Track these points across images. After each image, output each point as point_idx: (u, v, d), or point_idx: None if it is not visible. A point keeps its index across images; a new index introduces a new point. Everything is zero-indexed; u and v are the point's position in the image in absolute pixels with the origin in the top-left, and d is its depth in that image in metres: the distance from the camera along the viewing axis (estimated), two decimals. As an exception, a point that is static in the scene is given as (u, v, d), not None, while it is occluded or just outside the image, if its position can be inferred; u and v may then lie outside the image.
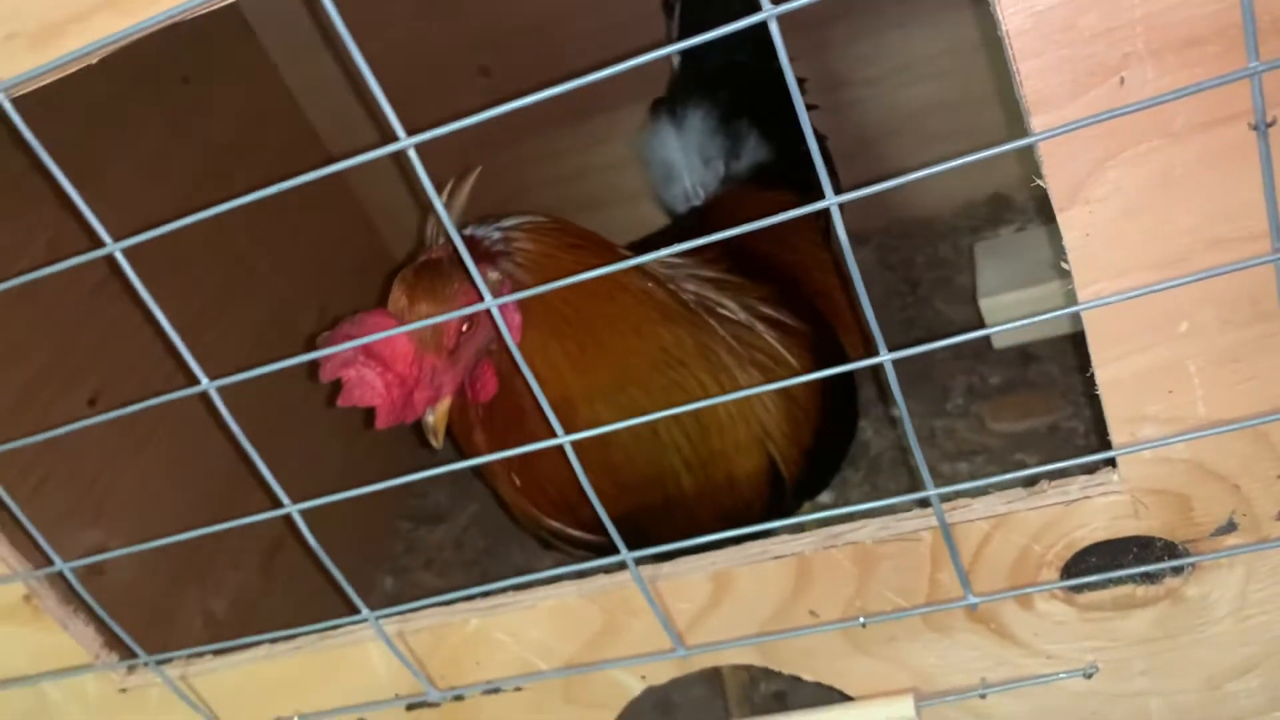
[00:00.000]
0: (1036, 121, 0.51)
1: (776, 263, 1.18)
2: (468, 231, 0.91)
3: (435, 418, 0.85)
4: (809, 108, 1.37)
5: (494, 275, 0.88)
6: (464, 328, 0.86)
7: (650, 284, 0.96)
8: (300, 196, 1.68)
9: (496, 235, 0.90)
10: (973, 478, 1.33)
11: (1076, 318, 1.22)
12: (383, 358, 0.82)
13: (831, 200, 0.53)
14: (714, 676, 1.22)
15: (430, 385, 0.84)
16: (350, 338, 0.77)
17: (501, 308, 0.76)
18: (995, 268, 1.22)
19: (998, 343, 1.23)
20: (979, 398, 1.44)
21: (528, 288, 0.79)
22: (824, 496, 1.39)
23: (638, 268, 0.95)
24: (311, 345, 0.77)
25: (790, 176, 1.33)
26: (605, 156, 1.63)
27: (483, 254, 0.89)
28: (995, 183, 1.62)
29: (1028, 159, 0.55)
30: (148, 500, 1.19)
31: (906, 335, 1.57)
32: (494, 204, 1.68)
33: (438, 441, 0.86)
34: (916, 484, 1.43)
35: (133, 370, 1.21)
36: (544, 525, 0.99)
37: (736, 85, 1.35)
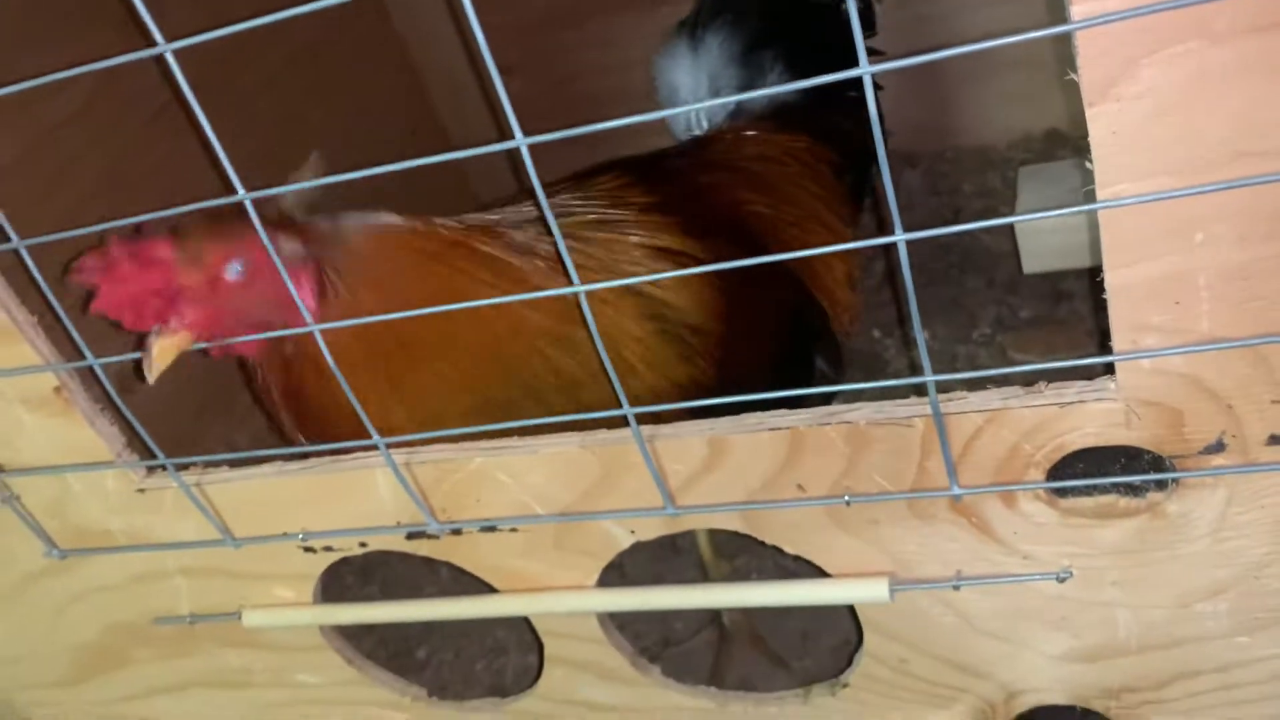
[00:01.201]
0: (1077, 9, 0.51)
1: (739, 211, 1.17)
2: (314, 219, 0.89)
3: (157, 348, 0.80)
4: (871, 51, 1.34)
5: (293, 247, 0.84)
6: (233, 269, 0.82)
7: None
8: (355, 55, 1.69)
9: (327, 225, 0.88)
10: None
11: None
12: (136, 251, 0.80)
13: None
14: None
15: (167, 301, 0.80)
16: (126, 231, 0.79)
17: (299, 273, 0.83)
18: (1035, 191, 1.22)
19: (1027, 267, 1.22)
20: (1006, 328, 1.44)
21: (343, 272, 0.85)
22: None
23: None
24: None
25: (811, 121, 1.30)
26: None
27: (307, 237, 0.86)
28: (1053, 118, 1.60)
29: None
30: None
31: (943, 260, 1.57)
32: (549, 86, 1.70)
33: (152, 375, 0.81)
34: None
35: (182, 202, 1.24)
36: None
37: (769, 13, 1.32)
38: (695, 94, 1.30)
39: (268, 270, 0.80)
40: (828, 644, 1.18)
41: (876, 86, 1.39)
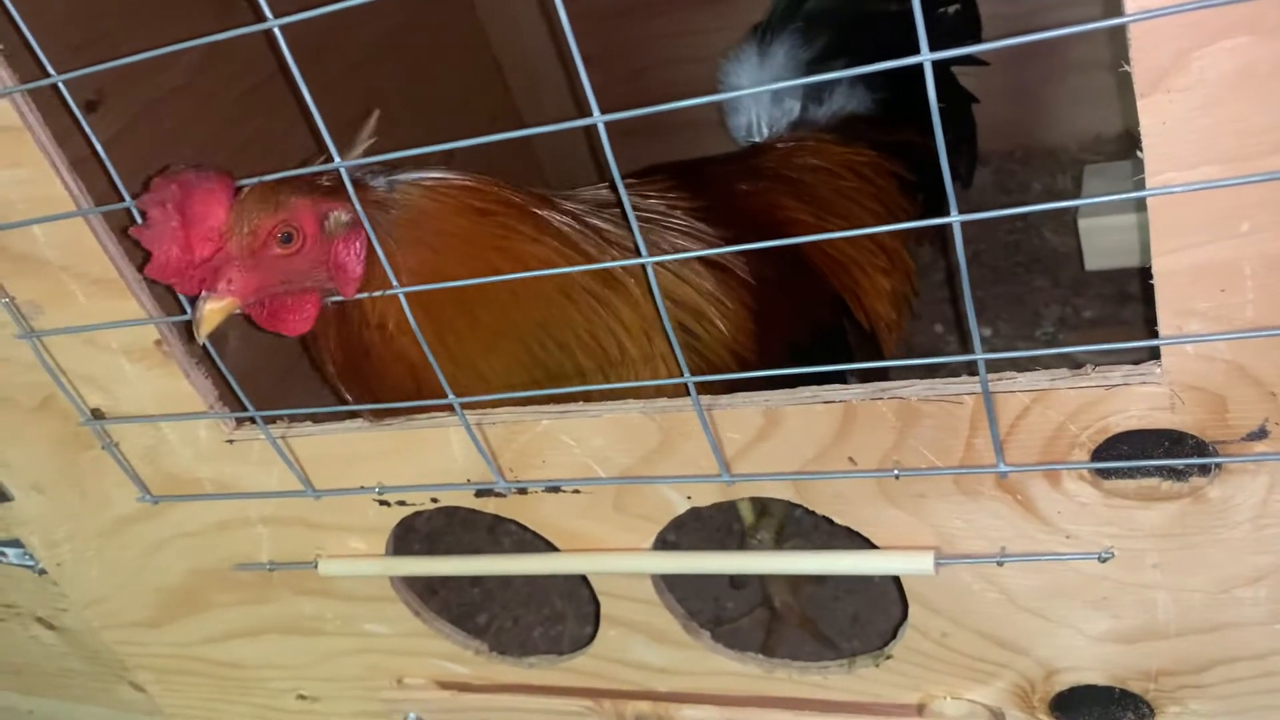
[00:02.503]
0: (1131, 3, 0.54)
1: (778, 220, 1.18)
2: (360, 175, 0.89)
3: (204, 312, 0.82)
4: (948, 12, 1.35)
5: (343, 217, 0.85)
6: (282, 242, 0.83)
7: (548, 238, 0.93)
8: (438, 43, 1.74)
9: (382, 183, 0.88)
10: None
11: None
12: (189, 216, 0.81)
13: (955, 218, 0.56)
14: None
15: (214, 271, 0.82)
16: (183, 185, 0.80)
17: (340, 257, 0.85)
18: (1100, 189, 1.23)
19: (1089, 264, 1.24)
20: (1068, 328, 1.45)
21: (386, 241, 0.84)
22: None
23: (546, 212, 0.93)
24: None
25: (879, 135, 1.31)
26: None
27: (364, 199, 0.84)
28: (1126, 120, 1.60)
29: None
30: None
31: (1009, 259, 1.58)
32: (624, 76, 1.74)
33: (199, 335, 0.83)
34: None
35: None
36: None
37: (844, 24, 1.32)
38: (758, 100, 1.31)
39: (315, 238, 0.84)
40: (877, 628, 1.20)
41: (973, 99, 1.39)
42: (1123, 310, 1.44)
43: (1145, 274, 0.63)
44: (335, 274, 0.86)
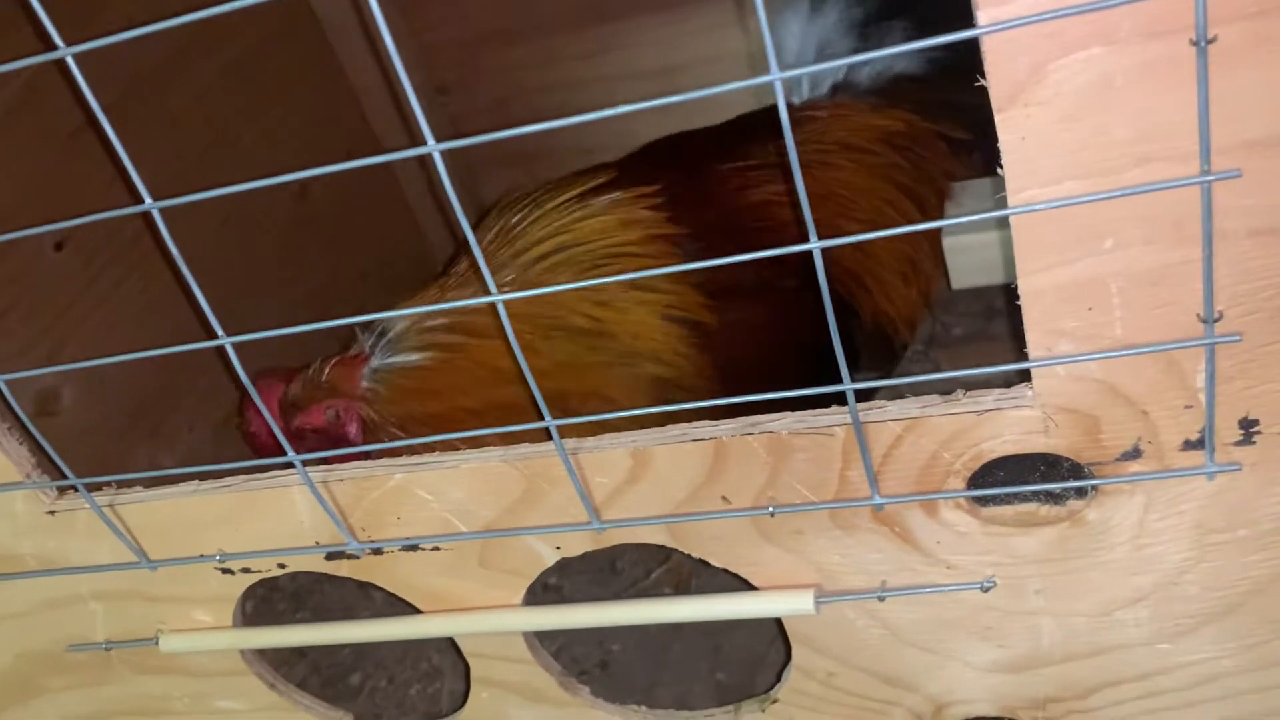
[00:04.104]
0: (984, 15, 0.52)
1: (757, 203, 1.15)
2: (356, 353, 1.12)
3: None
4: None
5: (336, 401, 1.09)
6: (295, 420, 1.09)
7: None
8: (289, 74, 1.67)
9: (368, 377, 1.10)
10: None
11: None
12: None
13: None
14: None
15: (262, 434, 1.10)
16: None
17: (343, 423, 1.10)
18: (964, 207, 1.23)
19: (955, 283, 1.24)
20: (939, 345, 1.45)
21: (375, 420, 1.08)
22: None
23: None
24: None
25: (926, 96, 1.24)
26: (608, 67, 1.62)
27: (350, 387, 1.09)
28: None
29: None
30: (110, 350, 1.19)
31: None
32: (490, 103, 1.70)
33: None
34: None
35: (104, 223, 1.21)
36: None
37: None
38: (801, 58, 1.24)
39: (324, 427, 1.10)
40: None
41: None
42: (990, 325, 1.45)
43: (1011, 291, 0.61)
44: (342, 443, 1.09)
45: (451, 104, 1.72)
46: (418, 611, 0.85)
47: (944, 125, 1.26)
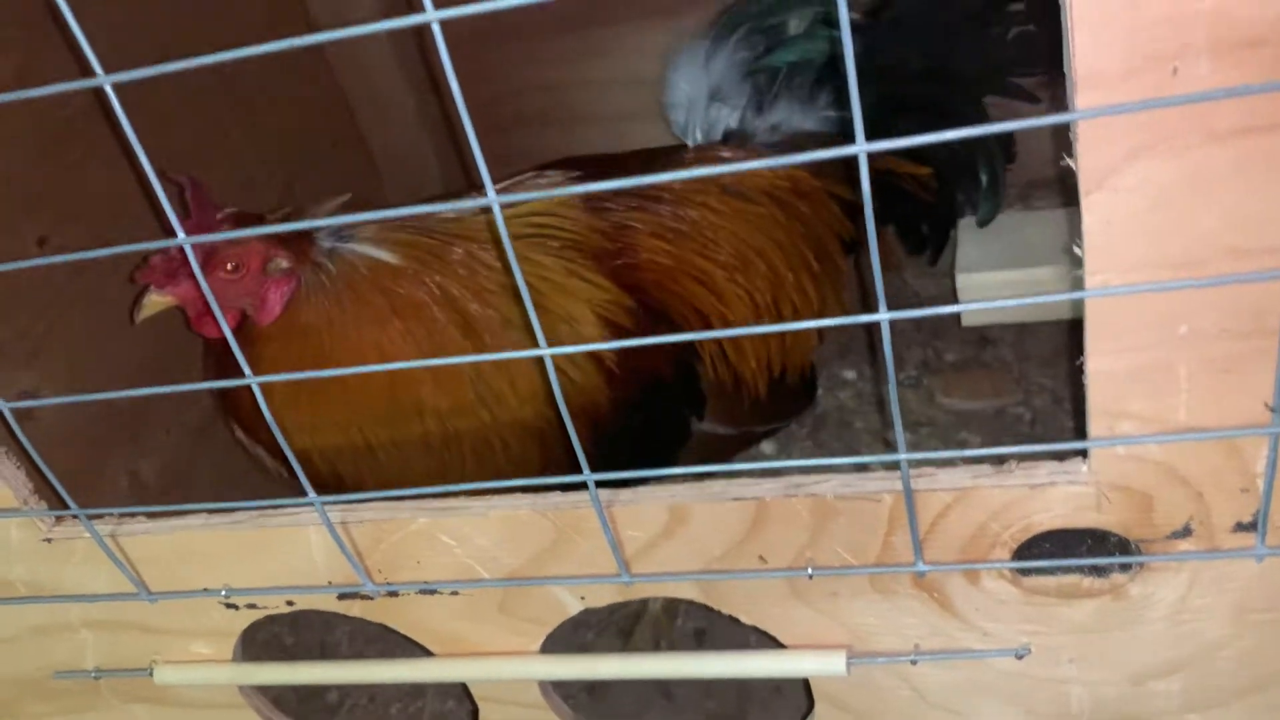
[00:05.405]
0: (1082, 98, 0.50)
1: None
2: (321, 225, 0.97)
3: (149, 300, 0.99)
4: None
5: (283, 264, 0.99)
6: (230, 269, 0.98)
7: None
8: (279, 70, 1.62)
9: (327, 246, 1.01)
10: (916, 448, 1.35)
11: (1046, 307, 1.22)
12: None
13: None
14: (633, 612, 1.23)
15: (170, 273, 0.98)
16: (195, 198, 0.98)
17: (268, 295, 1.00)
18: (977, 244, 1.22)
19: (966, 320, 1.23)
20: (932, 372, 1.45)
21: (311, 291, 0.99)
22: (767, 447, 1.39)
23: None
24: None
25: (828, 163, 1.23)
26: (599, 71, 1.60)
27: (301, 244, 1.00)
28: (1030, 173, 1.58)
29: (1061, 139, 0.54)
30: (88, 351, 1.15)
31: (864, 305, 1.57)
32: (485, 102, 1.66)
33: (137, 318, 0.99)
34: (855, 444, 1.44)
35: (81, 217, 1.17)
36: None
37: (811, 30, 1.21)
38: (690, 99, 1.23)
39: (255, 274, 0.99)
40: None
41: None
42: (983, 353, 1.46)
43: (1076, 368, 0.60)
44: (259, 306, 1.00)
45: (441, 104, 1.70)
46: (427, 652, 0.82)
47: (834, 185, 1.25)
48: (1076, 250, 0.56)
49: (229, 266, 0.98)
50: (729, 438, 1.18)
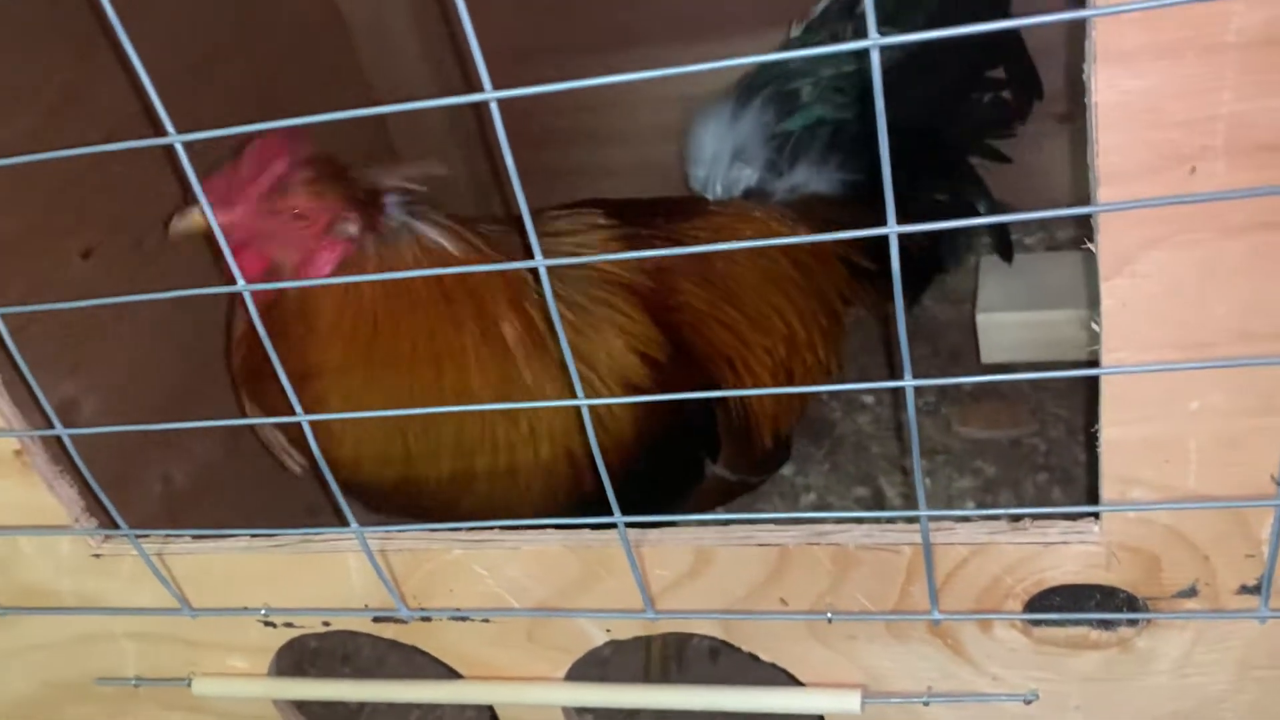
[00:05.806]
0: (1104, 192, 0.53)
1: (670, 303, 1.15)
2: (394, 195, 0.99)
3: (193, 217, 0.93)
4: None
5: (350, 228, 0.95)
6: (294, 217, 0.93)
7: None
8: (314, 76, 1.62)
9: (397, 219, 0.97)
10: (930, 475, 1.38)
11: (1062, 346, 1.23)
12: (260, 154, 0.93)
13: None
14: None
15: (230, 198, 0.92)
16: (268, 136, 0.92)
17: (320, 255, 0.95)
18: (998, 284, 1.25)
19: (986, 357, 1.26)
20: (950, 400, 1.47)
21: (371, 260, 0.95)
22: (785, 469, 1.42)
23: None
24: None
25: (833, 216, 1.25)
26: (629, 90, 1.62)
27: (373, 211, 0.96)
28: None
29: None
30: (130, 360, 1.19)
31: (887, 329, 1.59)
32: (517, 115, 1.69)
33: (174, 229, 0.94)
34: (871, 469, 1.47)
35: (125, 228, 1.20)
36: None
37: (829, 93, 1.26)
38: (713, 157, 1.25)
39: (317, 230, 0.94)
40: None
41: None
42: (1001, 384, 1.48)
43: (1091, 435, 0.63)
44: (304, 261, 0.95)
45: (475, 121, 1.73)
46: (452, 670, 0.86)
47: (845, 249, 1.28)
48: (1095, 328, 0.59)
49: (295, 212, 0.93)
50: (730, 483, 1.20)
